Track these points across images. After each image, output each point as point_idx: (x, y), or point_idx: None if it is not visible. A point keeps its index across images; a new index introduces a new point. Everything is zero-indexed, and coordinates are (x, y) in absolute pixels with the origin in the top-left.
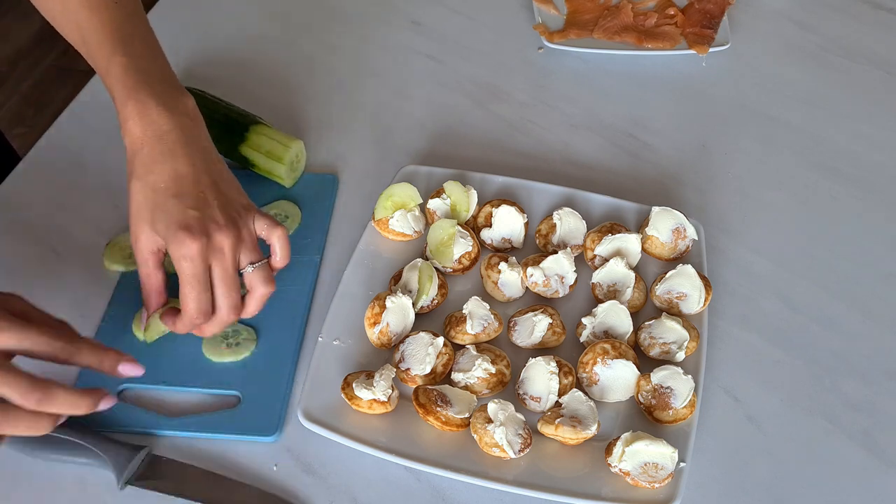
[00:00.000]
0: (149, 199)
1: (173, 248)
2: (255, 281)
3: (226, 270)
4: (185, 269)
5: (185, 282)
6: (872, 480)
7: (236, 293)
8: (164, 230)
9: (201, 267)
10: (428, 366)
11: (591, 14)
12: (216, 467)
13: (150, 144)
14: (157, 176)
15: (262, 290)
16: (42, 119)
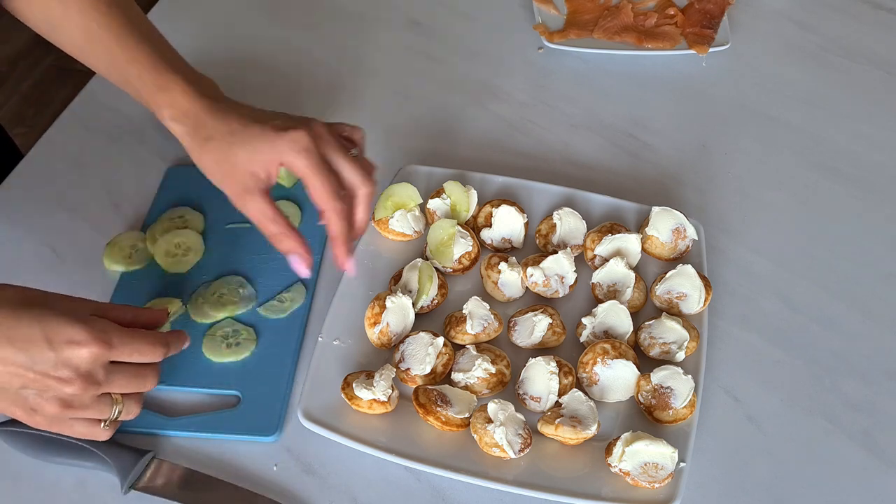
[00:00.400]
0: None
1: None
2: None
3: (339, 149)
4: (305, 163)
5: (312, 172)
6: (872, 480)
7: (361, 163)
8: (268, 146)
9: (318, 155)
10: (428, 366)
11: (591, 14)
12: (216, 467)
13: (204, 111)
14: (228, 123)
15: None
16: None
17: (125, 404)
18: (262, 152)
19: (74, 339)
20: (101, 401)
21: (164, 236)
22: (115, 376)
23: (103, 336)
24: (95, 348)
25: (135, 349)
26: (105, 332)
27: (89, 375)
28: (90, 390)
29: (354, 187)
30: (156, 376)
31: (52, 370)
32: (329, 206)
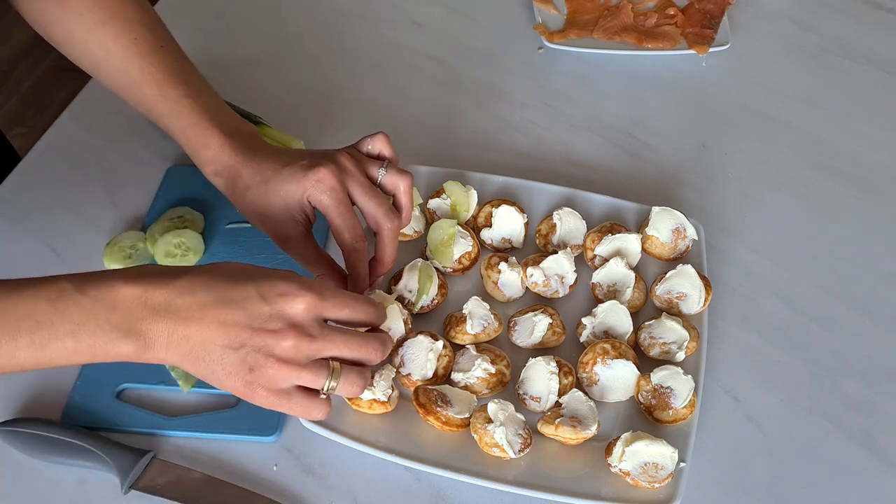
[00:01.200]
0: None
1: (312, 190)
2: (394, 179)
3: (363, 184)
4: (329, 203)
5: (335, 214)
6: (872, 480)
7: (383, 198)
8: (295, 187)
9: (342, 194)
10: (429, 371)
11: (591, 14)
12: (216, 467)
13: (240, 164)
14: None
15: (405, 183)
16: (42, 119)
17: (345, 374)
18: (292, 194)
19: (287, 292)
20: (317, 364)
21: (164, 236)
22: (332, 334)
23: (315, 288)
24: (308, 297)
25: (348, 304)
26: (317, 284)
27: (302, 328)
28: (304, 344)
29: (377, 224)
30: (380, 345)
31: (266, 323)
32: (348, 247)
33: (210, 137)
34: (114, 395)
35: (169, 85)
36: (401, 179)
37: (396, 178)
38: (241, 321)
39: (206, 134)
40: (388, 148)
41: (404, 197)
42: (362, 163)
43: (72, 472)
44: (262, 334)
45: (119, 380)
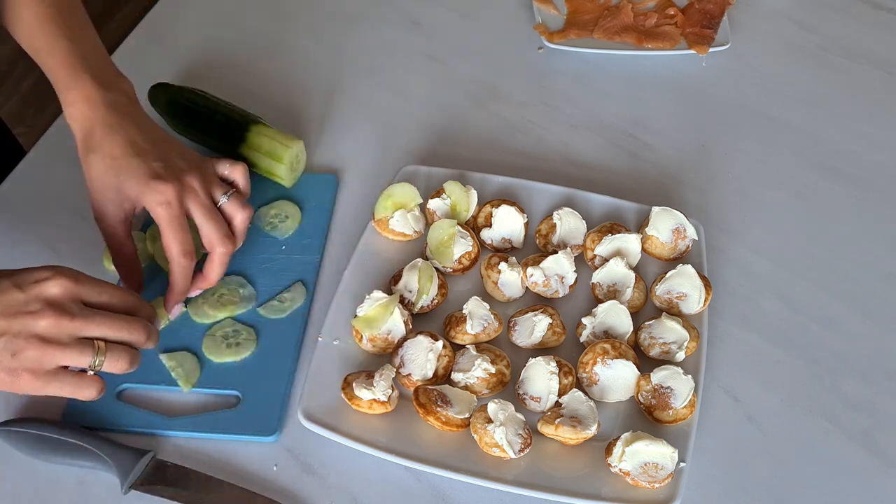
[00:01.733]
0: (110, 166)
1: (149, 198)
2: (233, 209)
3: (204, 205)
4: (163, 215)
5: (167, 226)
6: (872, 480)
7: (222, 223)
8: (135, 186)
9: (179, 209)
10: (429, 371)
11: (591, 14)
12: (216, 468)
13: (99, 122)
14: (112, 146)
15: (242, 216)
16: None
17: (110, 352)
18: (127, 192)
19: (42, 277)
20: (81, 342)
21: None
22: (92, 314)
23: (70, 273)
24: (63, 280)
25: (105, 290)
26: (73, 271)
27: (60, 306)
28: (64, 322)
29: (211, 245)
30: (144, 326)
31: (23, 307)
32: (175, 262)
33: (77, 81)
34: (114, 395)
35: (53, 24)
36: (238, 212)
37: (234, 210)
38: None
39: (75, 77)
40: (243, 179)
41: (239, 227)
42: (210, 184)
43: (72, 472)
44: (19, 317)
45: (119, 380)
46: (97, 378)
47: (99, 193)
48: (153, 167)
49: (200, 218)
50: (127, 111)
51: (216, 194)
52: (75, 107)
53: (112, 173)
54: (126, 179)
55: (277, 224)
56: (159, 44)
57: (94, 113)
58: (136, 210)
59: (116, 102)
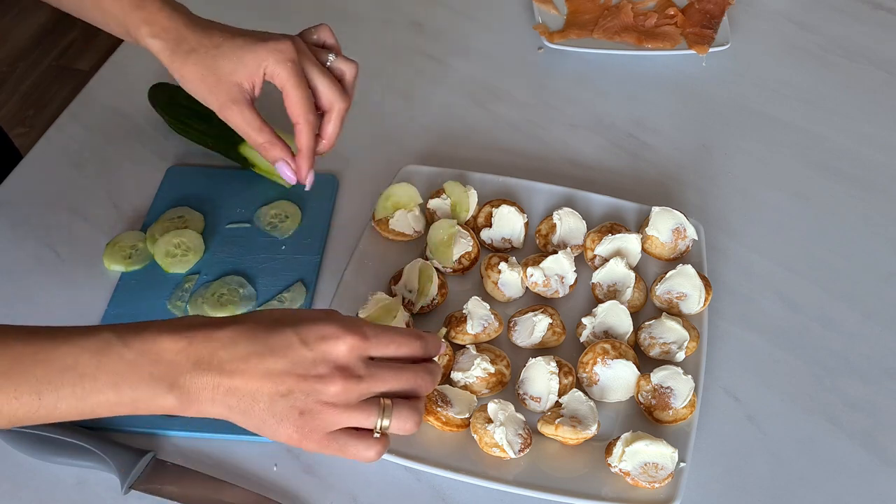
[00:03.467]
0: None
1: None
2: (342, 65)
3: (317, 64)
4: (288, 73)
5: (294, 83)
6: (872, 480)
7: (335, 80)
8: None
9: (300, 67)
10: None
11: (591, 14)
12: (216, 467)
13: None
14: (212, 38)
15: (351, 70)
16: (42, 119)
17: (397, 410)
18: (246, 63)
19: (327, 334)
20: (367, 403)
21: (164, 236)
22: (380, 371)
23: (355, 328)
24: (350, 339)
25: (391, 340)
26: (357, 324)
27: (347, 369)
28: (351, 386)
29: (331, 102)
30: (429, 374)
31: (311, 369)
32: (303, 119)
33: (145, 3)
34: None
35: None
36: (348, 66)
37: (344, 65)
38: (285, 368)
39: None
40: (332, 38)
41: (350, 81)
42: (312, 49)
43: (72, 472)
44: (308, 380)
45: None
46: (383, 440)
47: (215, 87)
48: (259, 36)
49: (317, 76)
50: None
51: (321, 56)
52: (152, 23)
53: (224, 58)
54: (241, 55)
55: (277, 224)
56: None
57: (173, 22)
58: (256, 88)
59: (186, 11)
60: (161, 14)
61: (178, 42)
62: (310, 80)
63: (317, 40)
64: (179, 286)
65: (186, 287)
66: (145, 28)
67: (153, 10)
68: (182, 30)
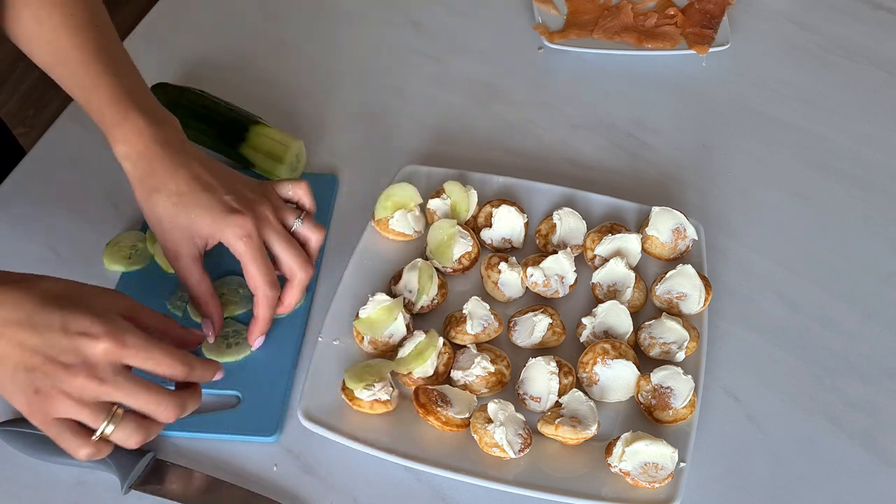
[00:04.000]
0: (178, 204)
1: (227, 233)
2: (308, 231)
3: (280, 233)
4: (245, 248)
5: (250, 260)
6: (872, 480)
7: (300, 249)
8: (210, 222)
9: (259, 241)
10: (430, 369)
11: (591, 14)
12: (216, 467)
13: (157, 159)
14: (178, 182)
15: (317, 237)
16: (42, 119)
17: (123, 423)
18: (202, 227)
19: (89, 332)
20: (99, 406)
21: None
22: (124, 382)
23: (118, 333)
24: (107, 343)
25: (151, 356)
26: (123, 330)
27: (94, 369)
28: (91, 385)
29: (291, 273)
30: (174, 405)
31: (60, 355)
32: (261, 293)
33: (127, 118)
34: None
35: (94, 62)
36: (313, 233)
37: (309, 232)
38: (37, 347)
39: (124, 114)
40: (308, 198)
41: (314, 248)
42: (280, 210)
43: (72, 472)
44: (54, 365)
45: None
46: (101, 444)
47: (169, 233)
48: (225, 201)
49: (279, 247)
50: (180, 146)
51: (288, 220)
52: (128, 144)
53: (182, 211)
54: (199, 216)
55: None
56: (159, 44)
57: (149, 150)
58: (208, 246)
59: (169, 138)
60: (138, 138)
61: (146, 174)
62: (270, 248)
63: (291, 196)
64: (180, 286)
65: None
66: (120, 147)
67: (131, 131)
68: (154, 162)
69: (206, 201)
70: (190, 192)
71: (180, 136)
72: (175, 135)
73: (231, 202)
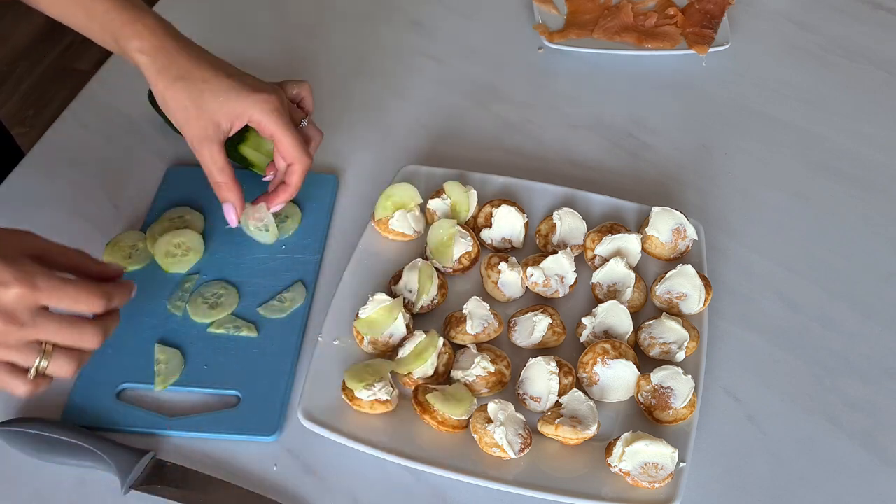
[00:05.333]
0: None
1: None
2: (311, 132)
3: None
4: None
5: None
6: (872, 480)
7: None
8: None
9: (287, 115)
10: (430, 369)
11: (591, 14)
12: (216, 467)
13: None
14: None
15: (317, 139)
16: (42, 119)
17: (55, 357)
18: (232, 106)
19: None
20: (28, 347)
21: (163, 236)
22: (44, 322)
23: (28, 278)
24: (18, 288)
25: (66, 295)
26: (32, 274)
27: (12, 315)
28: (12, 330)
29: (294, 158)
30: (97, 332)
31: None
32: (298, 160)
33: (139, 17)
34: (114, 395)
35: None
36: (315, 134)
37: (312, 132)
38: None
39: (136, 13)
40: (310, 98)
41: (313, 149)
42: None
43: (72, 472)
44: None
45: (119, 380)
46: (39, 380)
47: (196, 120)
48: (250, 83)
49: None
50: (191, 42)
51: (296, 115)
52: (143, 39)
53: (209, 95)
54: (228, 98)
55: (278, 224)
56: None
57: (165, 44)
58: (233, 129)
59: (179, 35)
60: (154, 32)
61: (167, 64)
62: None
63: (295, 96)
64: (180, 286)
65: (187, 287)
66: (136, 42)
67: (146, 27)
68: (173, 53)
69: (232, 84)
70: (215, 78)
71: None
72: (185, 38)
73: (256, 84)
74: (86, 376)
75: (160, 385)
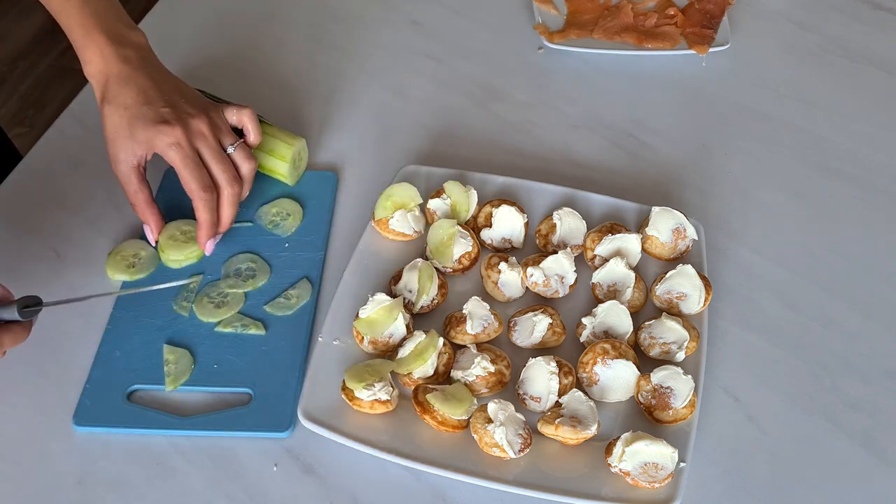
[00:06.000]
0: (123, 115)
1: (158, 142)
2: (239, 159)
3: (212, 148)
4: (176, 155)
5: (181, 165)
6: (872, 480)
7: (230, 165)
8: (144, 132)
9: (190, 149)
10: (430, 369)
11: (591, 14)
12: (217, 467)
13: (113, 76)
14: (124, 96)
15: (248, 165)
16: (42, 119)
17: None
18: (138, 137)
19: None
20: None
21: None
22: None
23: None
24: None
25: None
26: None
27: None
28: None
29: (220, 187)
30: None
31: None
32: (196, 196)
33: (92, 40)
34: (124, 397)
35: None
36: (244, 162)
37: (241, 159)
38: None
39: (90, 36)
40: (251, 125)
41: (246, 175)
42: (218, 130)
43: (72, 472)
44: None
45: (129, 381)
46: None
47: (113, 142)
48: (161, 113)
49: (208, 159)
50: (138, 64)
51: (224, 141)
52: (92, 63)
53: (125, 122)
54: (137, 127)
55: (280, 222)
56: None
57: (108, 68)
58: (147, 156)
59: (128, 56)
60: (100, 59)
61: (103, 89)
62: (204, 160)
63: (234, 122)
64: (185, 287)
65: (192, 287)
66: (85, 66)
67: (94, 53)
68: (110, 79)
69: (144, 113)
70: (133, 105)
71: (141, 55)
72: (136, 53)
73: (165, 114)
74: (95, 379)
75: (170, 385)
